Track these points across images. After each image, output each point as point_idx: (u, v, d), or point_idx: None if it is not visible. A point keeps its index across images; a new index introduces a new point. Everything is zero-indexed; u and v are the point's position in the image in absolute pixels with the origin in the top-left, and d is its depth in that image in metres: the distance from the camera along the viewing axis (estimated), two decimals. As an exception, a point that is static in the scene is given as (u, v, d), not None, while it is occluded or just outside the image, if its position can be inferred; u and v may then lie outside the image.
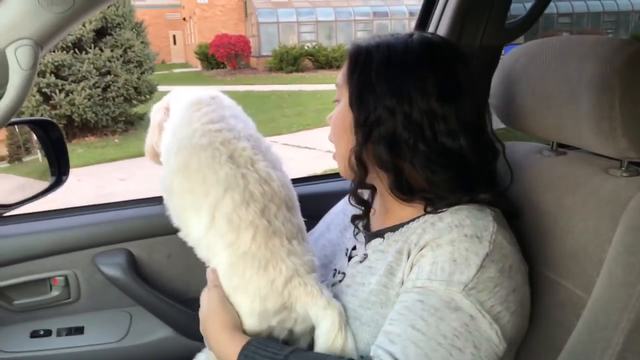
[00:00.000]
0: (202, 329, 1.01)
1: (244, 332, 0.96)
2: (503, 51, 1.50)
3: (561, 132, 0.95)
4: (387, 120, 0.90)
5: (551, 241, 0.94)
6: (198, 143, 1.02)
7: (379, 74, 0.91)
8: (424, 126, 0.89)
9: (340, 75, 1.00)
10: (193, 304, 1.52)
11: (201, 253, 1.04)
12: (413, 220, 0.95)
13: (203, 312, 1.01)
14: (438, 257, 0.83)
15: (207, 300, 1.01)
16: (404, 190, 0.93)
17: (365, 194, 1.10)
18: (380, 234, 1.01)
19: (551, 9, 17.24)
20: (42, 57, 1.01)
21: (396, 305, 0.85)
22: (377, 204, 1.09)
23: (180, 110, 1.12)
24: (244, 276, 0.95)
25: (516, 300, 0.85)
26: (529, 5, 1.49)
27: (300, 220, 1.07)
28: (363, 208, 1.07)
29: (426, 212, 0.93)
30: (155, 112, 1.25)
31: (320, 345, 0.95)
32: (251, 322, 0.97)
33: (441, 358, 0.78)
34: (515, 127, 1.08)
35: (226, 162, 0.99)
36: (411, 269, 0.88)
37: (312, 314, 0.96)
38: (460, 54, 0.96)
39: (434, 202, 0.92)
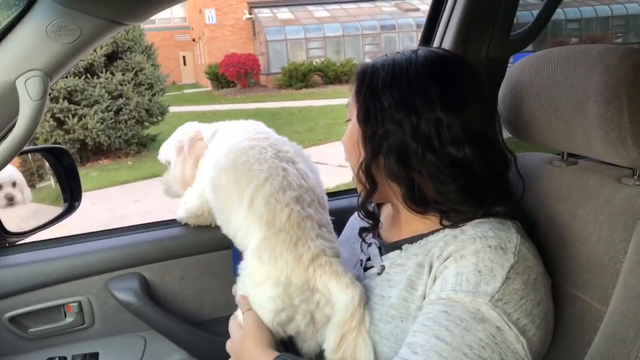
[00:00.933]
0: (237, 350, 1.04)
1: (267, 311, 1.00)
2: (511, 60, 1.50)
3: (571, 142, 0.95)
4: (395, 132, 0.91)
5: (566, 253, 0.93)
6: (246, 145, 1.15)
7: (385, 88, 0.93)
8: (432, 136, 0.89)
9: (350, 95, 1.02)
10: (207, 326, 1.53)
11: (238, 240, 1.11)
12: (432, 233, 0.94)
13: (238, 334, 1.04)
14: (462, 268, 0.82)
15: (240, 324, 1.05)
16: (418, 202, 0.93)
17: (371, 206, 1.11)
18: (397, 245, 1.00)
19: (559, 15, 17.20)
20: (52, 87, 1.03)
21: (419, 318, 0.84)
22: (388, 216, 1.10)
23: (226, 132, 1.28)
24: (274, 250, 1.00)
25: (541, 314, 0.83)
26: (536, 12, 1.48)
27: (329, 218, 1.13)
28: (371, 221, 1.08)
29: (444, 226, 0.93)
30: (192, 145, 1.39)
31: (336, 320, 0.96)
32: (275, 294, 0.99)
33: None
34: (524, 138, 1.07)
35: (270, 158, 1.11)
36: (434, 281, 0.87)
37: (333, 291, 0.98)
38: (465, 64, 0.98)
39: (449, 215, 0.92)
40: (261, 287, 1.01)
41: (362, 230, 1.11)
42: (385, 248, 1.04)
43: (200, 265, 1.53)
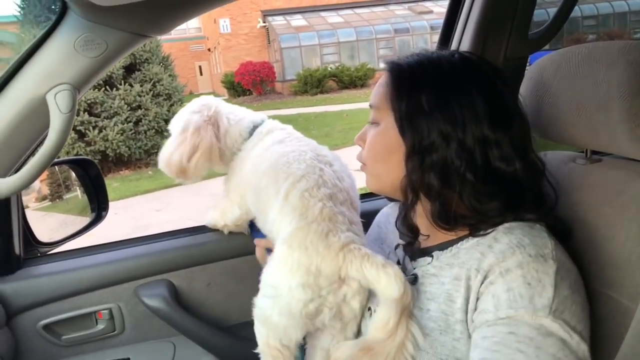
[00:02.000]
0: None
1: (296, 300, 1.00)
2: (529, 60, 1.49)
3: (594, 140, 0.94)
4: (440, 147, 0.89)
5: (593, 251, 0.92)
6: (288, 149, 1.22)
7: (430, 98, 0.90)
8: (476, 153, 0.88)
9: (376, 96, 0.99)
10: (234, 330, 1.54)
11: (273, 234, 1.15)
12: (461, 239, 0.93)
13: None
14: (511, 283, 0.80)
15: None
16: (447, 220, 0.91)
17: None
18: (427, 252, 0.99)
19: (575, 12, 16.90)
20: (79, 100, 1.06)
21: (483, 342, 0.81)
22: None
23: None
24: (305, 239, 1.02)
25: (588, 316, 0.83)
26: (552, 11, 1.48)
27: (360, 220, 1.15)
28: (412, 235, 1.01)
29: (473, 235, 0.91)
30: (197, 131, 1.37)
31: (384, 301, 0.94)
32: (305, 282, 0.99)
33: None
34: (546, 137, 1.07)
35: (310, 159, 1.17)
36: (478, 296, 0.85)
37: (369, 275, 0.97)
38: (503, 76, 0.96)
39: (478, 227, 0.91)
40: (292, 274, 1.01)
41: (406, 246, 1.05)
42: (415, 254, 1.02)
43: (227, 271, 1.54)
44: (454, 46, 1.50)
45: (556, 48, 1.07)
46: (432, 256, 0.97)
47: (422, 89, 0.91)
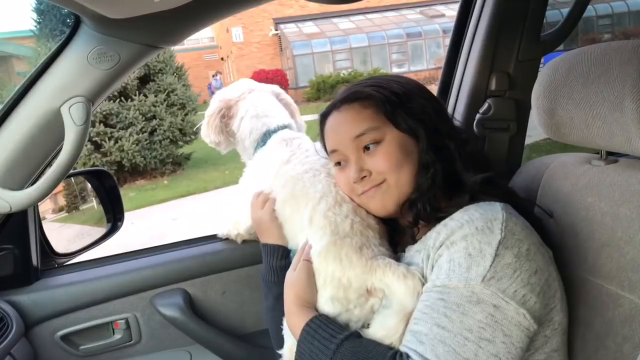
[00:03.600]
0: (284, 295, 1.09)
1: (321, 309, 1.02)
2: (542, 62, 1.48)
3: (609, 140, 0.93)
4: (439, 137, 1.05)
5: (610, 253, 0.91)
6: (300, 170, 1.23)
7: (411, 103, 1.04)
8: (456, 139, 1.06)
9: (363, 122, 1.05)
10: (250, 339, 1.54)
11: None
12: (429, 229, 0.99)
13: (287, 281, 1.09)
14: (454, 254, 0.86)
15: (294, 271, 1.08)
16: (430, 219, 1.00)
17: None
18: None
19: (589, 12, 16.81)
20: (94, 112, 1.07)
21: (419, 304, 0.89)
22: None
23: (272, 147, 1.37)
24: (340, 252, 1.03)
25: (540, 281, 0.86)
26: (565, 12, 1.46)
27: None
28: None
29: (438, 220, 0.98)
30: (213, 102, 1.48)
31: (396, 306, 0.95)
32: (335, 296, 1.01)
33: (470, 352, 0.79)
34: (559, 139, 1.06)
35: (324, 178, 1.18)
36: (432, 269, 0.91)
37: (390, 283, 0.98)
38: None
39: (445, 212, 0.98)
40: (324, 287, 1.03)
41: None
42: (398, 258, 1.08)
43: (241, 279, 1.55)
44: (465, 48, 1.50)
45: (571, 48, 1.07)
46: (404, 251, 1.06)
47: (401, 97, 1.04)
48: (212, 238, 1.59)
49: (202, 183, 9.29)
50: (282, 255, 1.23)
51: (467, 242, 0.86)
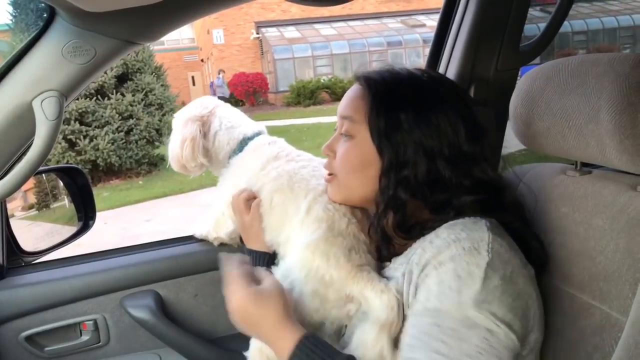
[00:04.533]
0: (250, 313, 0.91)
1: (303, 307, 1.01)
2: (519, 73, 1.50)
3: (584, 151, 0.94)
4: (420, 162, 0.94)
5: (582, 262, 0.92)
6: (296, 166, 1.23)
7: (409, 116, 0.95)
8: (458, 166, 0.94)
9: (350, 108, 1.02)
10: (222, 343, 1.52)
11: (282, 248, 1.18)
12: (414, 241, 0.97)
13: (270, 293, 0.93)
14: (443, 276, 0.84)
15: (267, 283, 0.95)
16: (408, 230, 0.97)
17: None
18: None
19: (566, 27, 17.16)
20: (67, 107, 1.05)
21: (411, 329, 0.86)
22: None
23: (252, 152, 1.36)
24: (330, 250, 1.02)
25: (522, 304, 0.85)
26: (542, 26, 1.49)
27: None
28: (385, 242, 1.03)
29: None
30: (185, 124, 1.42)
31: (373, 319, 0.94)
32: (316, 290, 1.01)
33: None
34: (536, 149, 1.07)
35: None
36: (416, 289, 0.88)
37: (369, 296, 0.97)
38: (469, 95, 1.06)
39: (428, 225, 0.95)
40: (306, 280, 1.02)
41: (382, 253, 1.09)
42: (383, 258, 1.07)
43: (214, 282, 1.52)
44: (445, 56, 1.51)
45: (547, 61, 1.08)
46: (390, 261, 1.02)
47: (400, 107, 0.96)
48: (185, 239, 1.57)
49: (178, 184, 9.20)
50: (270, 262, 1.19)
51: (456, 264, 0.83)
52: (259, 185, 1.26)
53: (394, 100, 0.97)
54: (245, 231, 1.28)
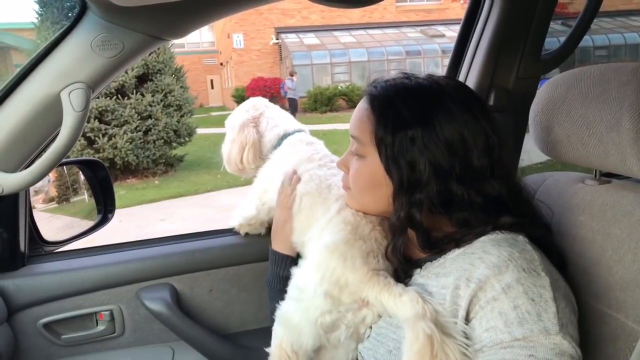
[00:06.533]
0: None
1: (314, 308, 1.02)
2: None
3: (604, 160, 0.94)
4: (430, 181, 0.91)
5: (599, 271, 0.92)
6: (327, 173, 1.26)
7: (417, 133, 0.91)
8: (473, 181, 0.92)
9: (358, 129, 0.99)
10: (235, 339, 1.53)
11: (306, 244, 1.19)
12: (448, 250, 0.95)
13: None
14: (517, 300, 0.82)
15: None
16: (434, 245, 0.95)
17: None
18: (417, 263, 1.02)
19: (587, 42, 17.06)
20: (93, 100, 1.07)
21: None
22: None
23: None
24: (348, 252, 1.02)
25: (575, 321, 0.85)
26: (563, 39, 1.49)
27: None
28: (405, 263, 1.03)
29: (458, 246, 0.94)
30: (242, 129, 1.48)
31: (406, 326, 0.90)
32: (329, 291, 1.01)
33: None
34: (556, 157, 1.07)
35: None
36: (469, 307, 0.86)
37: (386, 305, 0.97)
38: (482, 100, 1.01)
39: (463, 238, 0.93)
40: (321, 280, 1.02)
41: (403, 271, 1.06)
42: (409, 265, 1.04)
43: (229, 278, 1.54)
44: (466, 62, 1.51)
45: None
46: (421, 267, 1.00)
47: (407, 125, 0.92)
48: (202, 235, 1.60)
49: (193, 185, 9.26)
50: (290, 266, 1.19)
51: (524, 287, 0.82)
52: (299, 188, 1.28)
53: (399, 119, 0.93)
54: (276, 230, 1.30)
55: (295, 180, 1.28)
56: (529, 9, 1.42)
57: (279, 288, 1.18)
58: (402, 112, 0.93)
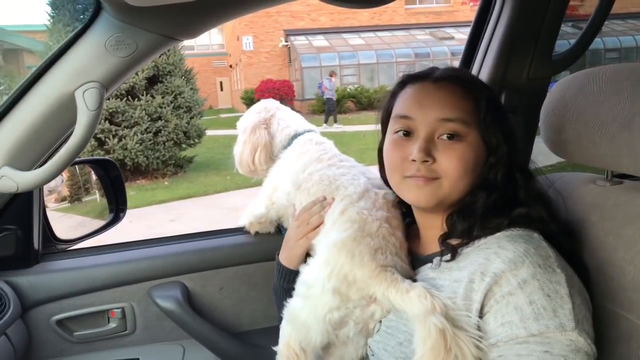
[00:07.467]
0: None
1: (322, 304, 1.02)
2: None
3: (616, 160, 0.94)
4: (505, 152, 0.98)
5: (611, 272, 0.91)
6: (337, 172, 1.26)
7: (497, 113, 0.99)
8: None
9: (460, 110, 0.97)
10: (245, 337, 1.54)
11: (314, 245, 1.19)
12: (460, 246, 0.96)
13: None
14: (532, 295, 0.82)
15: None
16: (499, 213, 0.95)
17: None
18: (428, 259, 1.03)
19: (598, 44, 16.95)
20: (107, 99, 1.08)
21: (520, 359, 0.82)
22: (416, 232, 1.13)
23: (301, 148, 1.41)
24: (356, 248, 1.03)
25: (591, 314, 0.86)
26: (574, 42, 1.49)
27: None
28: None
29: (471, 241, 0.95)
30: (253, 131, 1.49)
31: (416, 321, 0.91)
32: (337, 288, 1.01)
33: None
34: (567, 157, 1.06)
35: (364, 183, 1.19)
36: (484, 300, 0.86)
37: (394, 301, 0.97)
38: None
39: (476, 234, 0.95)
40: (329, 277, 1.02)
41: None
42: (418, 261, 1.06)
43: (239, 277, 1.55)
44: (476, 65, 1.51)
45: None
46: (432, 262, 1.00)
47: (492, 104, 0.99)
48: (213, 233, 1.61)
49: (203, 187, 9.29)
50: (295, 280, 1.15)
51: (540, 282, 0.83)
52: (301, 185, 1.29)
53: (492, 98, 1.01)
54: (288, 243, 1.26)
55: (326, 204, 1.21)
56: (540, 10, 1.41)
57: (285, 298, 1.15)
58: (487, 93, 1.01)
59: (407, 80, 1.05)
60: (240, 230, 1.57)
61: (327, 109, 16.85)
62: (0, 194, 1.16)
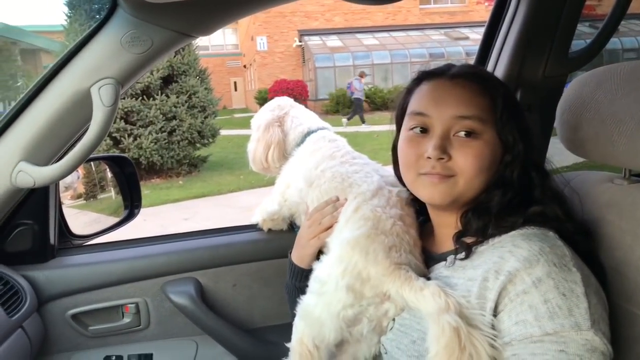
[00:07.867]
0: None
1: (336, 301, 1.02)
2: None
3: (634, 159, 0.92)
4: (521, 150, 0.98)
5: (628, 272, 0.90)
6: (350, 170, 1.25)
7: (513, 110, 0.98)
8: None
9: (476, 107, 0.96)
10: (257, 334, 1.55)
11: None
12: (474, 244, 0.95)
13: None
14: (547, 294, 0.82)
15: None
16: (514, 212, 0.95)
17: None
18: (442, 257, 1.02)
19: (615, 44, 16.73)
20: (122, 96, 1.09)
21: (531, 357, 0.81)
22: (430, 231, 1.12)
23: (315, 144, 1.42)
24: (370, 246, 1.03)
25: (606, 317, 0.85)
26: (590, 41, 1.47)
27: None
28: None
29: (486, 240, 0.94)
30: (267, 128, 1.50)
31: (430, 320, 0.90)
32: (351, 285, 1.01)
33: None
34: (583, 155, 1.05)
35: (377, 180, 1.19)
36: (498, 299, 0.86)
37: (408, 299, 0.97)
38: None
39: (491, 232, 0.94)
40: (343, 274, 1.02)
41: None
42: (432, 259, 1.06)
43: (252, 273, 1.56)
44: (492, 62, 1.50)
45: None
46: (446, 260, 0.99)
47: (508, 101, 0.99)
48: (226, 230, 1.62)
49: (217, 186, 9.34)
50: (307, 279, 1.16)
51: (555, 281, 0.82)
52: (313, 182, 1.29)
53: (509, 95, 1.01)
54: (300, 242, 1.26)
55: (338, 205, 1.20)
56: (556, 7, 1.40)
57: (297, 295, 1.15)
58: (506, 89, 1.01)
59: (423, 76, 1.05)
60: (253, 227, 1.58)
61: (354, 109, 16.83)
62: (18, 189, 1.17)
